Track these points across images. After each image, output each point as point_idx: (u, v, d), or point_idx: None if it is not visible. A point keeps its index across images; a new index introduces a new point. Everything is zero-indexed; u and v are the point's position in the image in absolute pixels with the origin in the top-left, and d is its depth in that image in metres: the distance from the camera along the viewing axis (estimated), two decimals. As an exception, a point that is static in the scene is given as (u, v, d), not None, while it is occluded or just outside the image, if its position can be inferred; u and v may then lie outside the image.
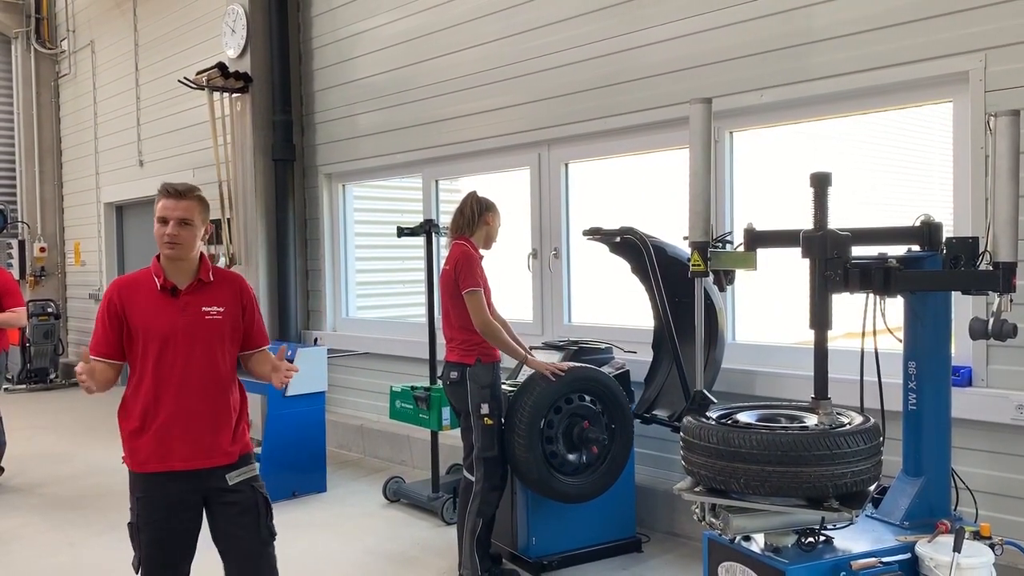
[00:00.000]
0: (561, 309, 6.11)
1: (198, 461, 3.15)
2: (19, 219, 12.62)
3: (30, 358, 11.66)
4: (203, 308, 3.18)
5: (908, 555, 3.10)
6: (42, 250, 12.53)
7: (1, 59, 12.73)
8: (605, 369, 4.87)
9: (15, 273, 12.42)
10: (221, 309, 3.21)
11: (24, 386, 11.58)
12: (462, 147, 6.67)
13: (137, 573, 3.19)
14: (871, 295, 3.27)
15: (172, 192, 3.16)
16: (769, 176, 5.50)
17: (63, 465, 7.39)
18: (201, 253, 3.27)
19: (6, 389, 11.54)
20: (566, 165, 6.09)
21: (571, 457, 4.61)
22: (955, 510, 3.50)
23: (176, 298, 3.17)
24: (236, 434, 3.26)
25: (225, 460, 3.20)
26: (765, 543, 3.12)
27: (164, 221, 3.14)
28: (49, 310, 11.86)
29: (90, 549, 5.29)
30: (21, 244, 12.48)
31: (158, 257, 3.21)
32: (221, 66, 7.94)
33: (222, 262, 8.24)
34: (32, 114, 12.54)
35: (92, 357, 3.13)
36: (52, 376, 11.86)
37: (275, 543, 3.30)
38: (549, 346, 5.17)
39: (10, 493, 6.58)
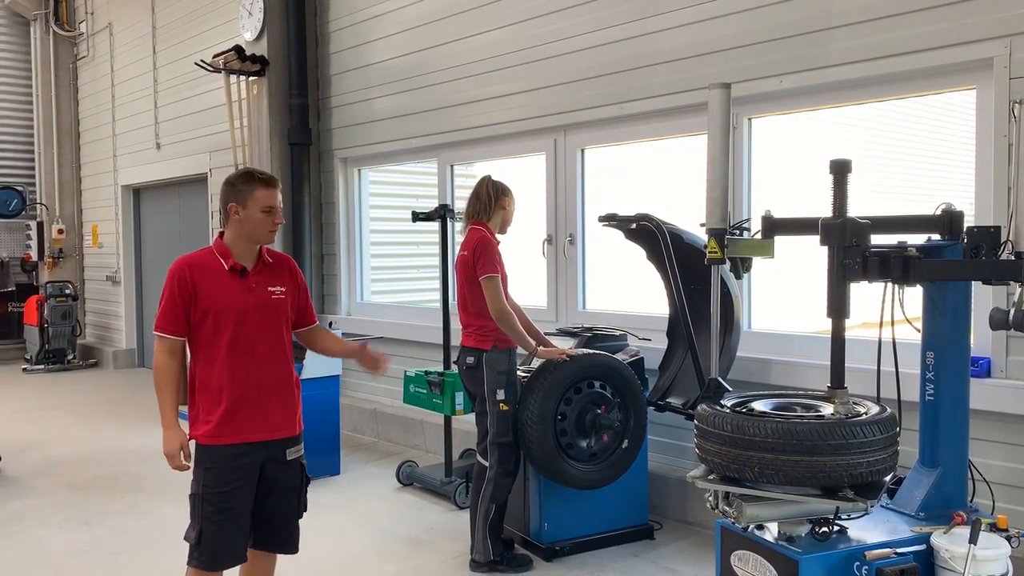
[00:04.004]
0: (576, 295, 6.10)
1: (267, 433, 3.30)
2: (38, 201, 12.72)
3: (48, 339, 11.75)
4: (269, 288, 3.35)
5: (923, 546, 3.08)
6: (60, 232, 12.62)
7: (20, 41, 12.80)
8: (619, 356, 4.85)
9: (33, 254, 12.55)
10: (283, 289, 3.39)
11: (42, 367, 11.69)
12: (478, 132, 6.65)
13: (197, 545, 3.24)
14: (890, 284, 3.23)
15: (270, 181, 3.34)
16: (788, 163, 5.46)
17: (79, 445, 7.45)
18: None
19: (24, 370, 11.68)
20: (582, 151, 6.06)
21: (584, 444, 4.60)
22: (971, 502, 3.48)
23: (245, 279, 3.30)
24: (297, 408, 3.43)
25: (289, 432, 3.37)
26: (778, 532, 3.11)
27: (270, 210, 3.29)
28: (67, 292, 11.94)
29: (105, 529, 5.32)
30: (40, 226, 12.58)
31: (221, 236, 3.33)
32: (238, 49, 7.95)
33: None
34: (51, 96, 12.61)
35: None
36: (70, 357, 11.95)
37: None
38: (563, 332, 5.15)
39: (26, 473, 6.63)
